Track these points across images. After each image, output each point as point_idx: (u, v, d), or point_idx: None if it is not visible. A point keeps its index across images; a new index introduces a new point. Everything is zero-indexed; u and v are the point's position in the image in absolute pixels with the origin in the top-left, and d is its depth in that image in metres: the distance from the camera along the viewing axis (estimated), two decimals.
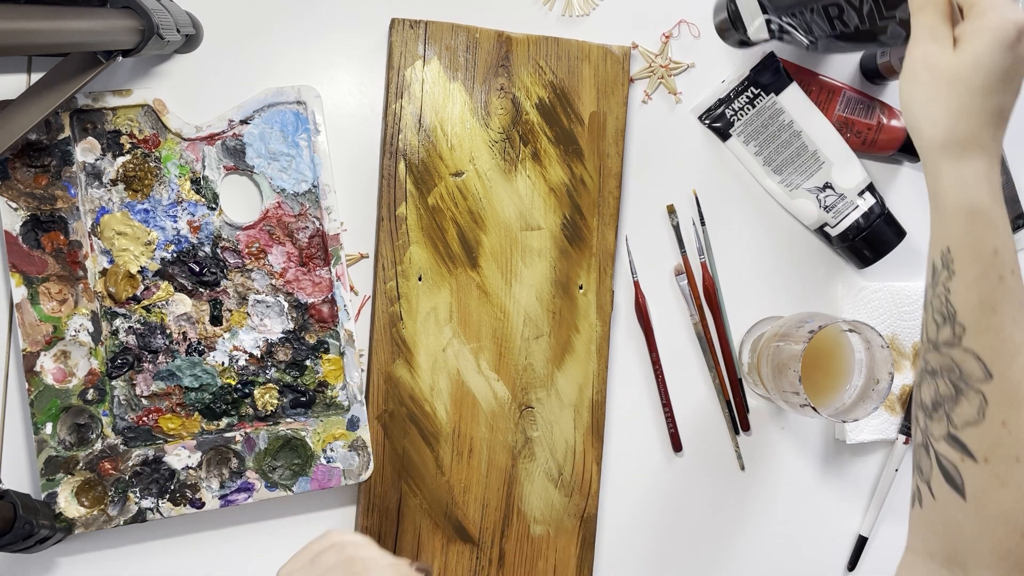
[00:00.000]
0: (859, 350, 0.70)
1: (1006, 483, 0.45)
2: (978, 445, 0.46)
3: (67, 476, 0.64)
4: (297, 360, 0.67)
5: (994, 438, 0.45)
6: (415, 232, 0.69)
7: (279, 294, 0.67)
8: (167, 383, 0.66)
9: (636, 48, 0.74)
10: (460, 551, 0.70)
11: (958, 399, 0.46)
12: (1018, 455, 0.45)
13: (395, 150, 0.69)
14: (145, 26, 0.59)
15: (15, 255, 0.63)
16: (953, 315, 0.47)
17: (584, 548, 0.72)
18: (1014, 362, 0.45)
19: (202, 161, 0.66)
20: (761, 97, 0.74)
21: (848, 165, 0.74)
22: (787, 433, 0.78)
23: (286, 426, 0.67)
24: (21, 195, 0.63)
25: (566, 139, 0.71)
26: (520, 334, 0.71)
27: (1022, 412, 0.45)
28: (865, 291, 0.77)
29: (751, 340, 0.76)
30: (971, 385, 0.46)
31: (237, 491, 0.66)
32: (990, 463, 0.46)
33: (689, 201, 0.76)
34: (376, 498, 0.69)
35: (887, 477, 0.78)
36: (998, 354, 0.45)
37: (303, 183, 0.68)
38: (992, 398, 0.45)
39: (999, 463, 0.45)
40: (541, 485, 0.71)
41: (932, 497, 0.48)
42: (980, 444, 0.46)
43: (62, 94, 0.60)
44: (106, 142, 0.65)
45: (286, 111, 0.67)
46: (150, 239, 0.66)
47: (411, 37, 0.69)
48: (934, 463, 0.48)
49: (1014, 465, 0.45)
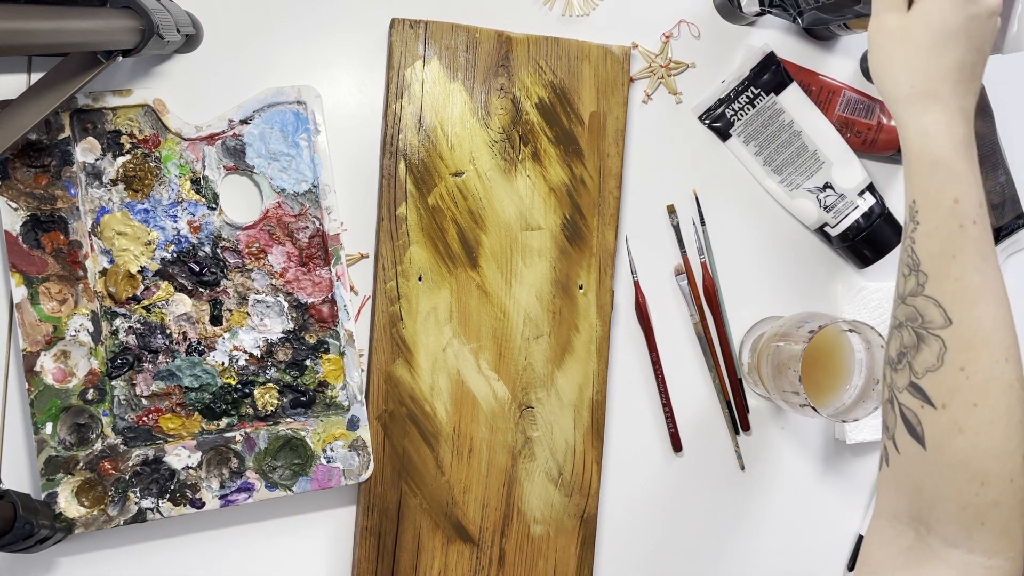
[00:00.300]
0: (859, 350, 0.70)
1: (963, 429, 0.45)
2: (936, 391, 0.46)
3: (67, 476, 0.64)
4: (297, 360, 0.67)
5: (952, 384, 0.46)
6: (415, 232, 0.69)
7: (279, 294, 0.67)
8: (167, 383, 0.66)
9: (636, 48, 0.74)
10: (460, 551, 0.70)
11: (919, 346, 0.47)
12: (975, 401, 0.45)
13: (395, 150, 0.69)
14: (145, 26, 0.59)
15: (15, 255, 0.63)
16: (917, 265, 0.48)
17: (584, 548, 0.72)
18: (974, 308, 0.46)
19: (202, 161, 0.66)
20: (761, 97, 0.74)
21: (848, 165, 0.74)
22: (787, 433, 0.78)
23: (286, 426, 0.67)
24: (21, 195, 0.63)
25: (566, 139, 0.71)
26: (520, 334, 0.71)
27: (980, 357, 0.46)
28: (865, 291, 0.77)
29: (751, 340, 0.76)
30: (931, 331, 0.47)
31: (237, 491, 0.66)
32: (948, 409, 0.46)
33: (689, 201, 0.76)
34: (376, 498, 0.69)
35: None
36: (957, 300, 0.46)
37: (303, 183, 0.68)
38: (951, 343, 0.46)
39: (957, 409, 0.46)
40: (541, 485, 0.71)
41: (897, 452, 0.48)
42: (939, 390, 0.46)
43: (62, 94, 0.60)
44: (106, 142, 0.65)
45: (286, 111, 0.67)
46: (150, 239, 0.66)
47: (411, 37, 0.69)
48: (898, 416, 0.48)
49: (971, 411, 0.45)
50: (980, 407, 0.46)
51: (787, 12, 0.72)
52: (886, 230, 0.75)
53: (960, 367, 0.46)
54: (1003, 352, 0.46)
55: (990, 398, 0.46)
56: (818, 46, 0.77)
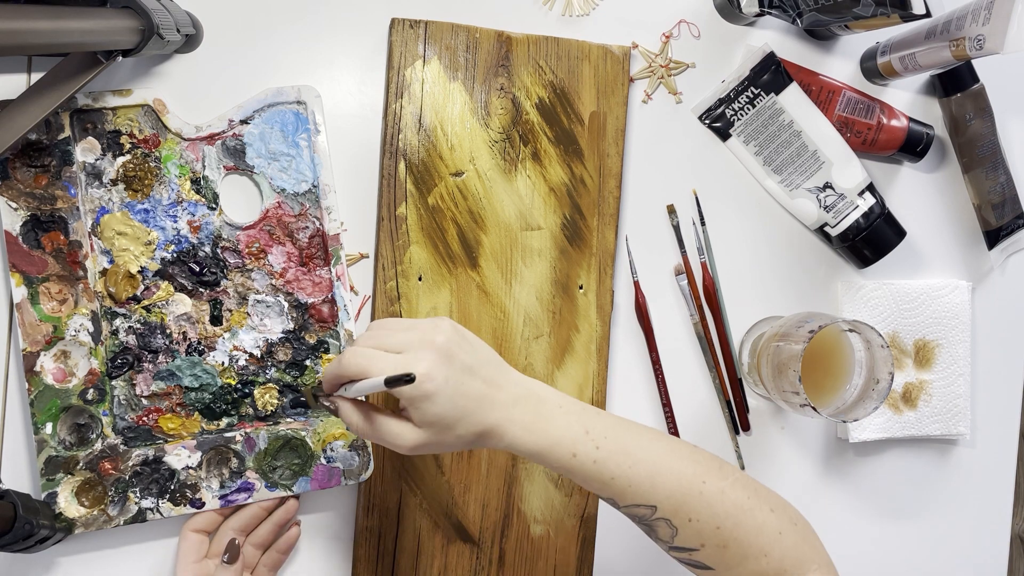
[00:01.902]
0: (859, 350, 0.70)
1: (726, 545, 0.56)
2: (690, 542, 0.56)
3: (67, 476, 0.64)
4: (297, 360, 0.67)
5: (693, 532, 0.56)
6: (415, 232, 0.69)
7: (279, 294, 0.67)
8: (167, 383, 0.66)
9: (636, 48, 0.74)
10: (460, 551, 0.70)
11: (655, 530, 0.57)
12: (717, 525, 0.56)
13: (395, 150, 0.69)
14: (145, 26, 0.59)
15: (15, 255, 0.63)
16: (600, 494, 0.56)
17: (584, 548, 0.72)
18: (657, 487, 0.55)
19: (202, 161, 0.66)
20: (761, 97, 0.74)
21: (848, 165, 0.74)
22: (787, 433, 0.78)
23: (286, 426, 0.67)
24: (21, 195, 0.63)
25: (566, 139, 0.71)
26: (520, 334, 0.71)
27: (692, 504, 0.55)
28: (864, 289, 0.77)
29: (751, 340, 0.76)
30: (650, 520, 0.56)
31: (237, 491, 0.66)
32: (706, 544, 0.56)
33: (689, 201, 0.76)
34: (376, 498, 0.68)
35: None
36: (643, 494, 0.55)
37: (303, 183, 0.68)
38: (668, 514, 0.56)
39: (710, 539, 0.56)
40: (541, 485, 0.71)
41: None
42: (690, 540, 0.56)
43: (62, 94, 0.60)
44: (106, 142, 0.65)
45: (286, 111, 0.67)
46: (150, 239, 0.66)
47: (411, 37, 0.69)
48: (681, 563, 0.58)
49: (718, 533, 0.56)
50: (722, 526, 0.55)
51: (787, 13, 0.72)
52: (886, 230, 0.75)
53: (687, 519, 0.55)
54: (697, 483, 0.56)
55: (720, 515, 0.55)
56: (818, 46, 0.77)
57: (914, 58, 0.72)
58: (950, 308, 0.78)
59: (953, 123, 0.78)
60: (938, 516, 0.80)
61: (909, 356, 0.78)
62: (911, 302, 0.78)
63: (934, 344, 0.78)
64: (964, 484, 0.81)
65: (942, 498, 0.81)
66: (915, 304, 0.78)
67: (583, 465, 0.55)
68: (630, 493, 0.55)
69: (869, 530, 0.79)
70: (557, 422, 0.55)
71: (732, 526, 0.56)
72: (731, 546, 0.56)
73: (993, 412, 0.81)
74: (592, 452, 0.55)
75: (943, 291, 0.78)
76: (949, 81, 0.77)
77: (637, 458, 0.55)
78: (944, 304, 0.78)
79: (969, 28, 0.66)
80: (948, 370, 0.78)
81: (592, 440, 0.55)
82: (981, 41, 0.65)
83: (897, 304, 0.78)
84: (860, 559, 0.79)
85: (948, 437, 0.79)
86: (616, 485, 0.55)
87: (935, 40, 0.70)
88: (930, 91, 0.79)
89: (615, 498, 0.56)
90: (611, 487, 0.55)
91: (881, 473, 0.79)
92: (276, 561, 0.67)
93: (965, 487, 0.81)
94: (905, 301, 0.78)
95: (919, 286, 0.78)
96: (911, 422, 0.78)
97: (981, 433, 0.81)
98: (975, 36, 0.66)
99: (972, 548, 0.81)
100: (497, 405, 0.54)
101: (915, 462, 0.80)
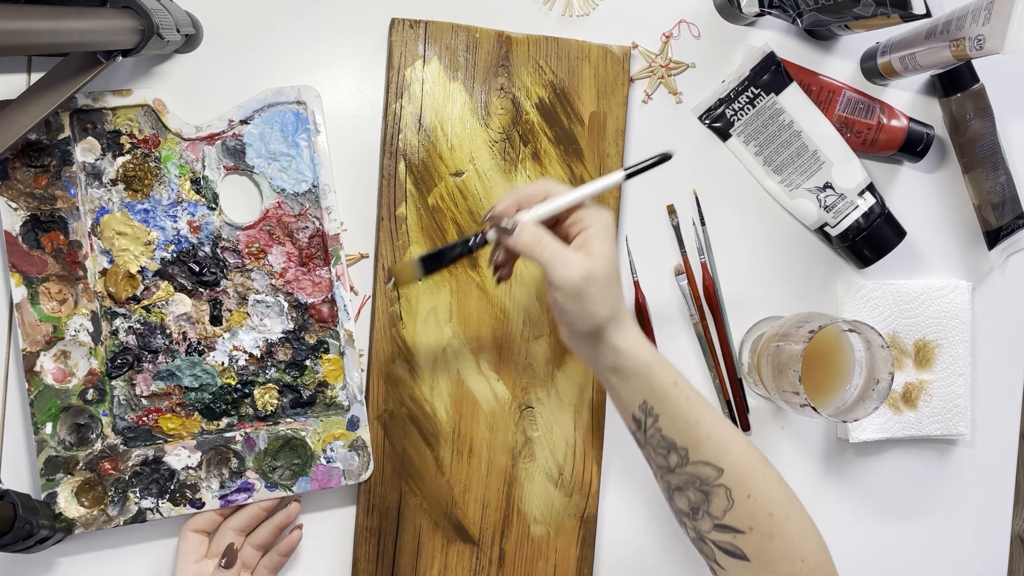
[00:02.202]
0: (859, 350, 0.70)
1: (772, 535, 0.56)
2: (739, 521, 0.56)
3: (67, 476, 0.64)
4: (297, 360, 0.67)
5: (747, 511, 0.56)
6: (415, 232, 0.69)
7: (279, 294, 0.67)
8: (167, 383, 0.66)
9: (636, 48, 0.74)
10: (460, 551, 0.70)
11: (709, 499, 0.56)
12: (770, 511, 0.56)
13: (395, 150, 0.69)
14: (145, 26, 0.59)
15: (15, 255, 0.63)
16: (672, 444, 0.57)
17: (584, 548, 0.72)
18: (730, 449, 0.56)
19: (202, 161, 0.66)
20: (761, 97, 0.74)
21: (848, 165, 0.74)
22: (787, 433, 0.78)
23: (286, 426, 0.67)
24: (21, 195, 0.63)
25: (566, 139, 0.71)
26: (520, 334, 0.71)
27: (754, 480, 0.56)
28: (864, 289, 0.77)
29: (751, 340, 0.76)
30: (713, 484, 0.56)
31: (237, 491, 0.66)
32: (754, 529, 0.56)
33: (689, 201, 0.76)
34: (376, 498, 0.68)
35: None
36: (717, 451, 0.56)
37: (303, 183, 0.68)
38: (731, 484, 0.56)
39: (761, 524, 0.56)
40: (541, 485, 0.71)
41: (723, 569, 0.57)
42: (741, 520, 0.56)
43: (62, 94, 0.60)
44: (106, 142, 0.65)
45: (286, 111, 0.67)
46: (150, 239, 0.66)
47: (411, 37, 0.69)
48: (714, 548, 0.57)
49: (771, 519, 0.56)
50: (775, 513, 0.56)
51: (787, 13, 0.72)
52: (886, 230, 0.75)
53: (747, 495, 0.56)
54: (763, 465, 0.57)
55: (776, 502, 0.56)
56: (818, 46, 0.77)
57: (914, 58, 0.72)
58: (950, 308, 0.78)
59: (953, 123, 0.78)
60: (938, 516, 0.80)
61: (909, 356, 0.78)
62: (911, 302, 0.78)
63: (934, 344, 0.78)
64: (964, 484, 0.81)
65: (942, 498, 0.81)
66: (915, 304, 0.78)
67: (678, 398, 0.57)
68: (706, 447, 0.56)
69: (869, 530, 0.79)
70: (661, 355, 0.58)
71: (784, 518, 0.56)
72: (777, 539, 0.56)
73: (993, 412, 0.81)
74: (687, 391, 0.57)
75: (943, 291, 0.78)
76: (949, 81, 0.77)
77: (716, 417, 0.57)
78: (944, 304, 0.78)
79: (969, 28, 0.66)
80: (948, 370, 0.78)
81: (684, 381, 0.58)
82: (981, 41, 0.65)
83: (897, 304, 0.78)
84: (860, 559, 0.79)
85: (948, 437, 0.79)
86: (698, 432, 0.56)
87: (935, 40, 0.70)
88: (930, 91, 0.79)
89: (689, 448, 0.56)
90: (693, 433, 0.56)
91: (881, 473, 0.79)
92: (277, 563, 0.67)
93: (965, 487, 0.81)
94: (905, 301, 0.78)
95: (919, 286, 0.78)
96: (911, 422, 0.78)
97: (981, 433, 0.81)
98: (975, 36, 0.66)
99: (972, 548, 0.81)
100: (624, 305, 0.58)
101: (915, 462, 0.80)
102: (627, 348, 0.57)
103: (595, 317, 0.56)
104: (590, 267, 0.55)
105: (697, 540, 0.58)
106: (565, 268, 0.55)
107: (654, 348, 0.58)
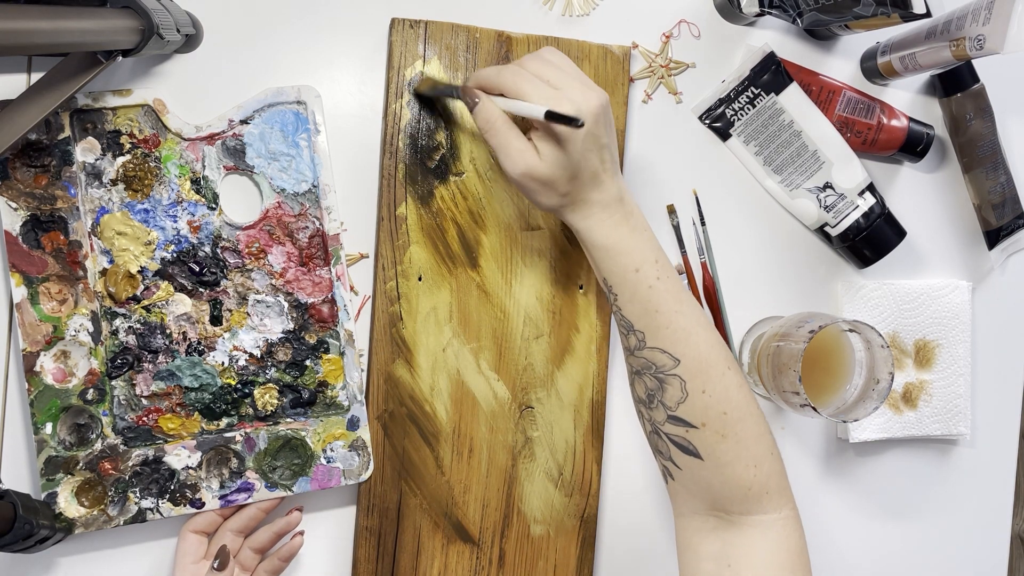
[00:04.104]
0: (859, 350, 0.70)
1: (725, 435, 0.56)
2: (693, 415, 0.56)
3: (67, 476, 0.64)
4: (297, 360, 0.67)
5: (701, 405, 0.56)
6: (415, 232, 0.69)
7: (279, 294, 0.67)
8: (167, 383, 0.66)
9: (636, 48, 0.74)
10: (460, 551, 0.70)
11: (663, 387, 0.57)
12: (724, 410, 0.56)
13: (395, 150, 0.69)
14: (145, 26, 0.59)
15: (15, 255, 0.63)
16: (631, 325, 0.58)
17: (584, 548, 0.72)
18: (689, 341, 0.56)
19: (202, 161, 0.66)
20: (761, 97, 0.74)
21: (848, 165, 0.74)
22: (787, 433, 0.78)
23: (286, 426, 0.67)
24: (21, 195, 0.63)
25: None
26: (520, 334, 0.71)
27: (711, 377, 0.56)
28: (864, 289, 0.77)
29: (751, 340, 0.76)
30: (667, 373, 0.56)
31: (237, 491, 0.66)
32: (707, 425, 0.56)
33: (689, 201, 0.76)
34: (376, 498, 0.68)
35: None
36: (677, 341, 0.56)
37: (303, 183, 0.68)
38: (686, 375, 0.56)
39: (714, 422, 0.56)
40: (541, 485, 0.71)
41: (678, 468, 0.58)
42: (694, 414, 0.56)
43: (62, 94, 0.60)
44: (106, 142, 0.65)
45: (286, 111, 0.67)
46: (150, 239, 0.66)
47: (411, 37, 0.69)
48: (668, 443, 0.58)
49: (725, 419, 0.56)
50: (729, 413, 0.56)
51: (787, 13, 0.72)
52: (886, 230, 0.75)
53: (701, 390, 0.56)
54: (724, 364, 0.57)
55: (732, 403, 0.56)
56: (818, 46, 0.77)
57: (914, 58, 0.72)
58: (950, 308, 0.78)
59: (953, 123, 0.78)
60: (938, 516, 0.81)
61: (909, 356, 0.78)
62: (911, 302, 0.78)
63: (934, 344, 0.78)
64: (964, 484, 0.81)
65: (942, 498, 0.81)
66: (915, 304, 0.78)
67: (637, 283, 0.57)
68: (664, 335, 0.56)
69: (869, 530, 0.79)
70: (637, 236, 0.58)
71: (738, 419, 0.56)
72: (730, 439, 0.56)
73: (993, 412, 0.81)
74: (651, 279, 0.57)
75: (943, 291, 0.78)
76: (949, 81, 0.77)
77: (683, 310, 0.57)
78: (944, 304, 0.78)
79: (969, 28, 0.66)
80: (948, 370, 0.78)
81: (656, 270, 0.57)
82: (981, 41, 0.65)
83: (897, 304, 0.78)
84: (860, 559, 0.79)
85: (948, 437, 0.79)
86: (656, 320, 0.57)
87: (935, 40, 0.70)
88: (930, 91, 0.79)
89: (646, 333, 0.57)
90: (651, 319, 0.57)
91: (881, 473, 0.79)
92: (277, 568, 0.67)
93: (965, 487, 0.81)
94: (905, 301, 0.78)
95: (919, 286, 0.78)
96: (911, 422, 0.78)
97: (981, 433, 0.81)
98: (975, 36, 0.66)
99: (972, 548, 0.81)
100: (600, 188, 0.58)
101: (915, 462, 0.80)
102: (584, 230, 0.58)
103: (541, 205, 0.59)
104: (530, 165, 0.56)
105: (653, 435, 0.59)
106: (507, 159, 0.57)
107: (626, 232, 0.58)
